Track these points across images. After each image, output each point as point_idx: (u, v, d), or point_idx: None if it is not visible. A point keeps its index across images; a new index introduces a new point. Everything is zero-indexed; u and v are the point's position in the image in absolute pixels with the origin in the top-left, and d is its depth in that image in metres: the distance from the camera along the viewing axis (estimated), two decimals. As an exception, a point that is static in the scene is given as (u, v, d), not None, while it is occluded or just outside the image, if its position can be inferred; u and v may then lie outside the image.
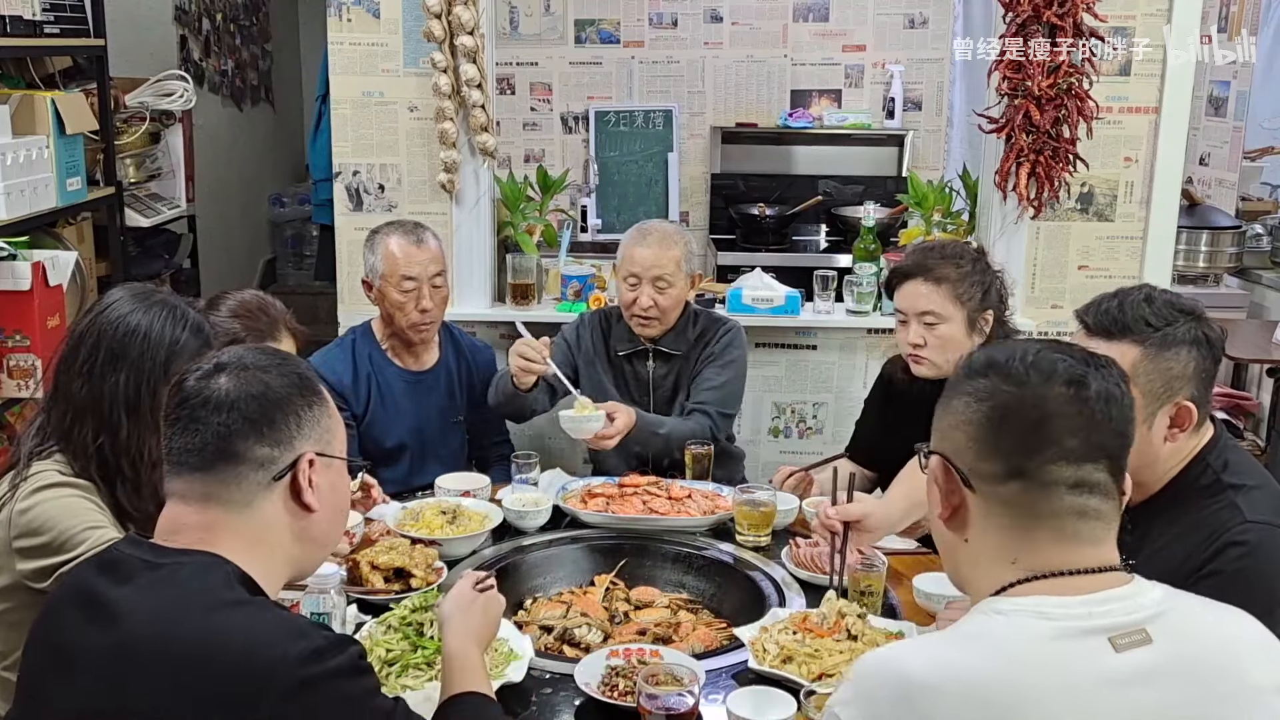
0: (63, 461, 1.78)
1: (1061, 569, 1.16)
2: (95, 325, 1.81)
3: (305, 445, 1.34)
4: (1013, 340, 1.26)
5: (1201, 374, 1.71)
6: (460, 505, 2.39)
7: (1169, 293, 1.78)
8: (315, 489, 1.35)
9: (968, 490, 1.21)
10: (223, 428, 1.30)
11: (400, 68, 3.36)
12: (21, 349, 2.92)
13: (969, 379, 1.23)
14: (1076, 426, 1.17)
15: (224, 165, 5.56)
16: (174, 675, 1.19)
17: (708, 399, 2.79)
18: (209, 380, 1.32)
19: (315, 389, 1.38)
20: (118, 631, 1.23)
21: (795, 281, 3.62)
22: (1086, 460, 1.17)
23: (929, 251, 2.48)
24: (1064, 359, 1.20)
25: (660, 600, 2.18)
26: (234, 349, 1.40)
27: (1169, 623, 1.15)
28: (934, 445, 1.27)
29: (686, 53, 5.10)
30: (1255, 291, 4.82)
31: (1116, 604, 1.14)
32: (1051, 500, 1.17)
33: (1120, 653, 1.11)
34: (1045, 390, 1.18)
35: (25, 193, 2.98)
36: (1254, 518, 1.65)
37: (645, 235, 2.80)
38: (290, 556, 1.36)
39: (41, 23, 3.16)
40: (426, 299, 2.76)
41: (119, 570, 1.28)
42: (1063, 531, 1.17)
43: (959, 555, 1.25)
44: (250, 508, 1.31)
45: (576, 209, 4.73)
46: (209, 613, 1.22)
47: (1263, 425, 4.38)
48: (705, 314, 2.95)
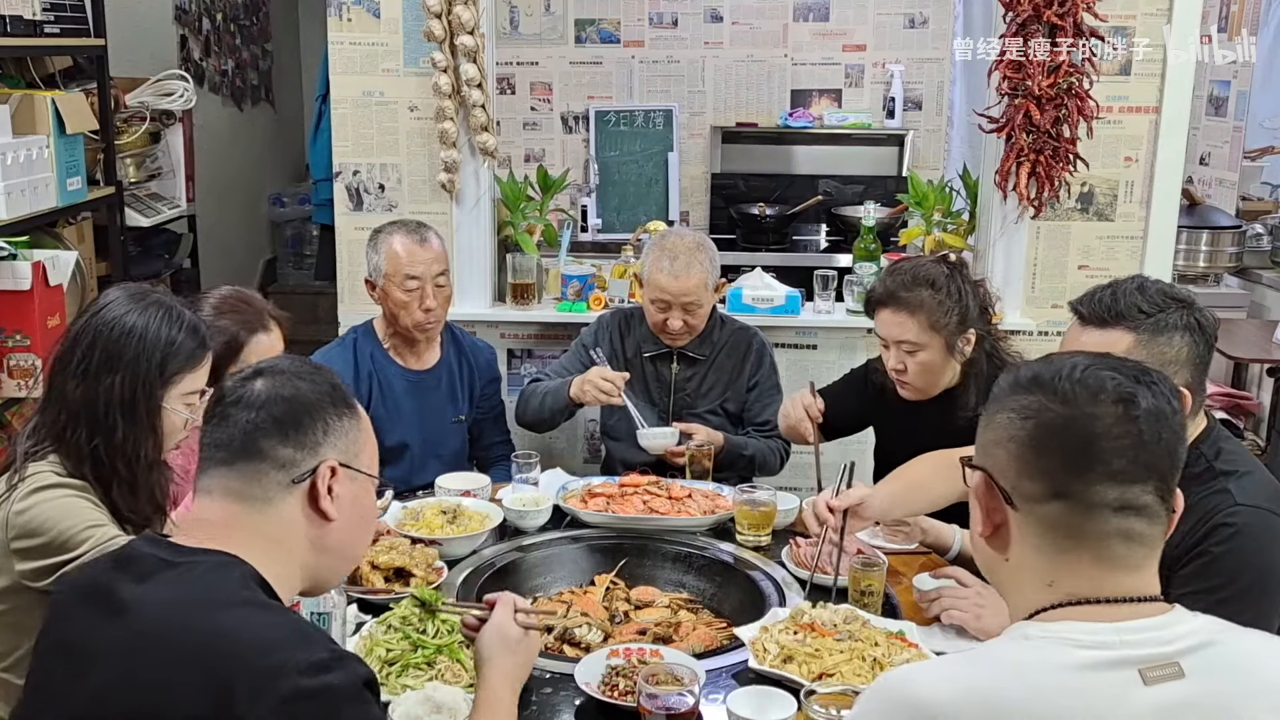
0: (57, 462, 1.78)
1: (1099, 596, 1.13)
2: (90, 326, 1.80)
3: (329, 453, 1.36)
4: (1059, 355, 1.24)
5: (1195, 360, 1.72)
6: (460, 505, 2.39)
7: (1161, 282, 1.80)
8: (335, 498, 1.36)
9: (1010, 508, 1.18)
10: (250, 425, 1.33)
11: (400, 67, 3.36)
12: (21, 349, 2.92)
13: (1014, 394, 1.19)
14: (1124, 447, 1.12)
15: (224, 165, 5.55)
16: (181, 667, 1.19)
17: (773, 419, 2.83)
18: (247, 383, 1.36)
19: (349, 401, 1.42)
20: (130, 625, 1.24)
21: (795, 281, 3.62)
22: (1134, 482, 1.13)
23: (900, 277, 2.39)
24: (1113, 376, 1.15)
25: (660, 600, 2.18)
26: (277, 359, 1.44)
27: (1206, 657, 1.10)
28: (976, 460, 1.23)
29: (687, 52, 5.10)
30: (1255, 291, 4.82)
31: (1150, 633, 1.10)
32: (1096, 522, 1.13)
33: (1149, 685, 1.07)
34: (1093, 409, 1.13)
35: (25, 192, 2.97)
36: (1244, 501, 1.68)
37: (673, 260, 2.73)
38: (306, 564, 1.37)
39: (41, 23, 3.16)
40: (430, 298, 2.76)
41: (136, 567, 1.29)
42: (1104, 555, 1.13)
43: (1000, 573, 1.22)
44: (269, 506, 1.33)
45: (577, 209, 4.73)
46: (223, 609, 1.23)
47: (1263, 425, 4.38)
48: (729, 320, 2.97)
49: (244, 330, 2.24)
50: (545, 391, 2.84)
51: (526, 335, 3.57)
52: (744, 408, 2.93)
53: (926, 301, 2.35)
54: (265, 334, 2.30)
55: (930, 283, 2.36)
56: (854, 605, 1.96)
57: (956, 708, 1.06)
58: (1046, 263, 3.42)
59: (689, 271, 2.73)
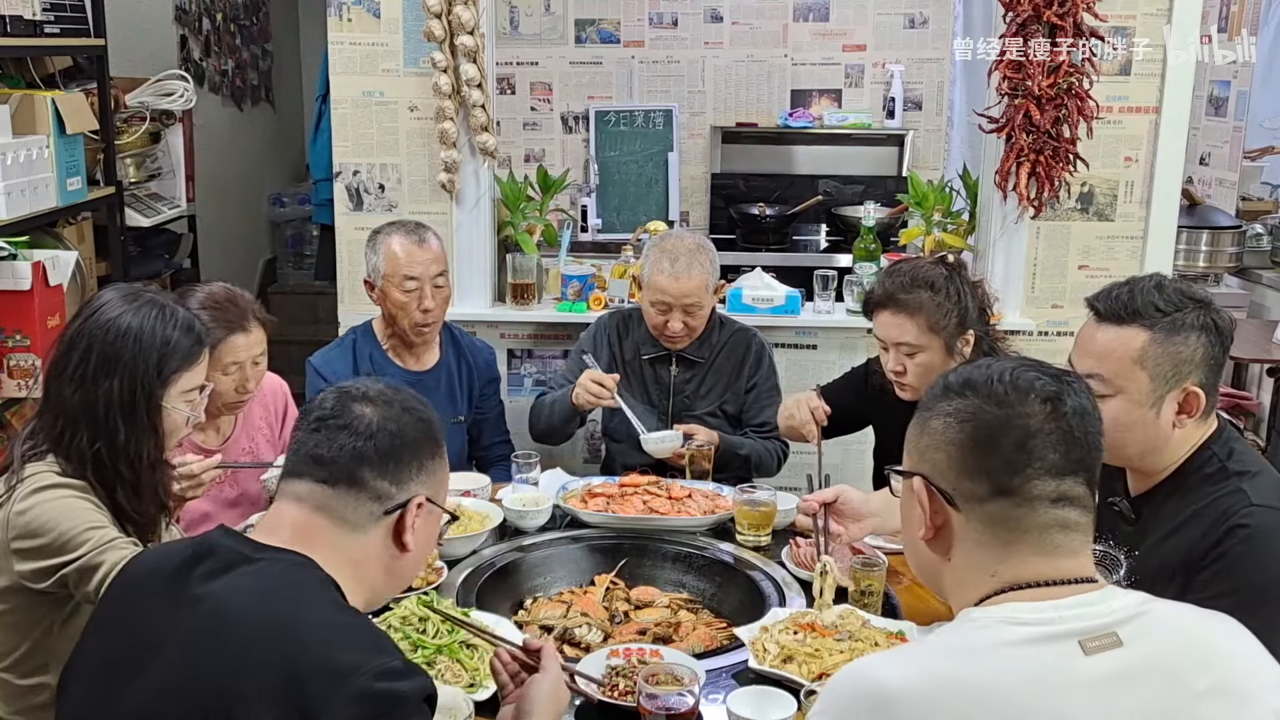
0: (54, 462, 1.78)
1: (1039, 580, 1.18)
2: (85, 330, 1.80)
3: (419, 489, 1.40)
4: (982, 360, 1.27)
5: (1210, 361, 1.72)
6: (460, 505, 2.39)
7: (1180, 282, 1.79)
8: (414, 531, 1.40)
9: (952, 509, 1.23)
10: (355, 452, 1.36)
11: (400, 68, 3.36)
12: (21, 349, 2.92)
13: (947, 399, 1.24)
14: (1057, 442, 1.19)
15: (224, 165, 5.55)
16: (259, 647, 1.21)
17: (771, 420, 2.83)
18: (354, 405, 1.39)
19: (439, 439, 1.46)
20: (205, 612, 1.26)
21: (795, 281, 3.62)
22: (1067, 474, 1.19)
23: (899, 279, 2.39)
24: (1039, 377, 1.22)
25: (660, 600, 2.18)
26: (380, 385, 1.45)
27: (1141, 626, 1.16)
28: (913, 467, 1.28)
29: (686, 53, 5.10)
30: (1255, 291, 4.82)
31: (1088, 608, 1.16)
32: (1035, 515, 1.19)
33: (1090, 655, 1.12)
34: (1026, 408, 1.20)
35: (25, 192, 2.97)
36: (1259, 501, 1.66)
37: (674, 262, 2.73)
38: (373, 586, 1.41)
39: (41, 23, 3.15)
40: (429, 299, 2.76)
41: (215, 558, 1.31)
42: (1044, 544, 1.19)
43: (942, 575, 1.27)
44: (358, 531, 1.37)
45: (577, 209, 4.73)
46: (305, 604, 1.27)
47: (1263, 425, 4.38)
48: (728, 322, 2.97)
49: (220, 329, 2.23)
50: (552, 401, 2.86)
51: (526, 335, 3.57)
52: (743, 409, 2.93)
53: (926, 303, 2.35)
54: (243, 335, 2.30)
55: (929, 284, 2.36)
56: (854, 605, 1.96)
57: (913, 691, 1.10)
58: (1046, 263, 3.42)
59: (690, 273, 2.73)
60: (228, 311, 2.29)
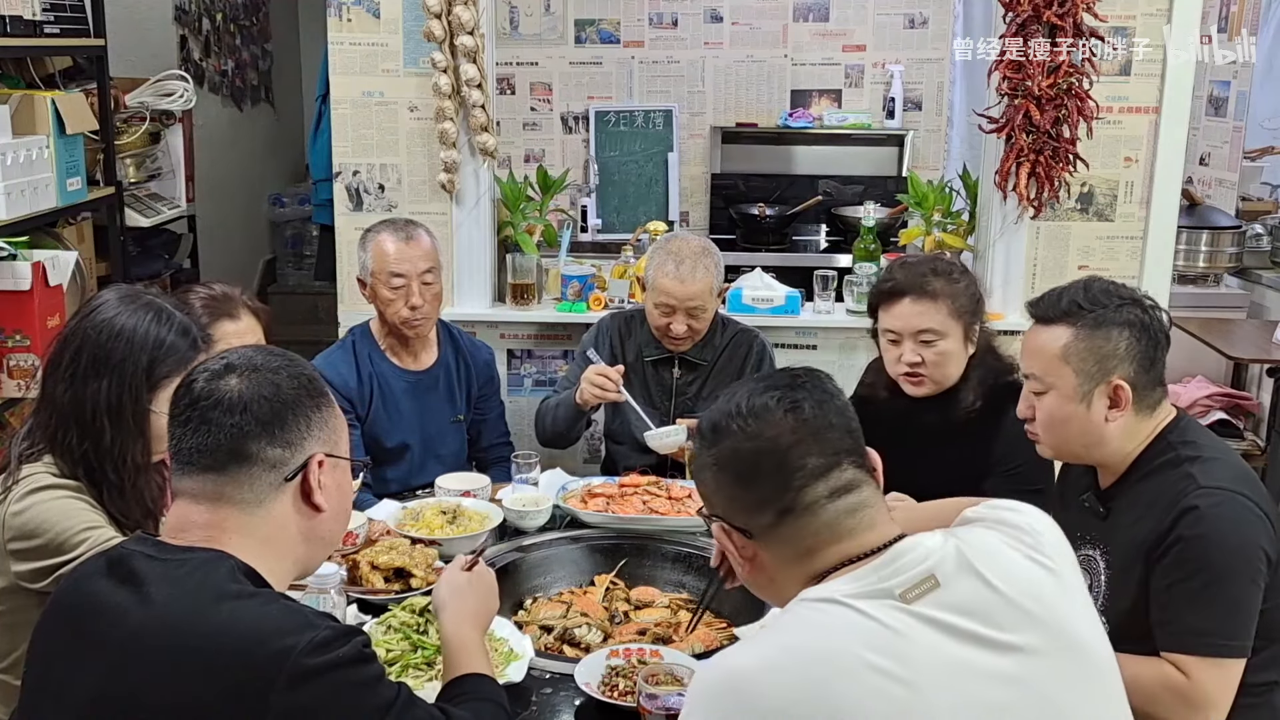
0: (52, 463, 1.77)
1: (847, 559, 1.24)
2: (80, 329, 1.78)
3: (315, 446, 1.36)
4: (725, 392, 1.34)
5: (1138, 355, 1.77)
6: (460, 505, 2.39)
7: (1110, 282, 1.85)
8: (324, 489, 1.37)
9: (752, 542, 1.28)
10: (235, 429, 1.31)
11: (400, 68, 3.36)
12: (21, 349, 2.92)
13: (705, 449, 1.31)
14: (810, 446, 1.25)
15: (224, 165, 5.55)
16: (181, 667, 1.20)
17: None
18: (219, 381, 1.33)
19: (322, 390, 1.41)
20: (125, 627, 1.24)
21: (795, 281, 3.62)
22: (833, 468, 1.25)
23: (918, 268, 2.40)
24: (773, 391, 1.28)
25: (660, 600, 2.19)
26: (242, 349, 1.41)
27: (954, 562, 1.20)
28: (711, 511, 1.33)
29: (686, 53, 5.10)
30: (1255, 291, 4.82)
31: (901, 561, 1.21)
32: (821, 516, 1.24)
33: (911, 604, 1.17)
34: (771, 430, 1.26)
35: (25, 193, 2.97)
36: (1207, 483, 1.71)
37: (678, 264, 2.72)
38: (298, 556, 1.39)
39: (41, 23, 3.15)
40: (416, 295, 2.75)
41: (125, 567, 1.29)
42: (840, 533, 1.25)
43: (772, 590, 1.32)
44: (261, 507, 1.33)
45: (576, 209, 4.73)
46: (215, 604, 1.23)
47: (1263, 425, 4.37)
48: (731, 323, 2.96)
49: (207, 315, 2.19)
50: (556, 404, 2.85)
51: (526, 335, 3.57)
52: None
53: (949, 289, 2.37)
54: (231, 321, 2.27)
55: (948, 273, 2.40)
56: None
57: (762, 668, 1.16)
58: (1046, 263, 3.42)
59: (695, 276, 2.73)
60: (218, 300, 2.29)
